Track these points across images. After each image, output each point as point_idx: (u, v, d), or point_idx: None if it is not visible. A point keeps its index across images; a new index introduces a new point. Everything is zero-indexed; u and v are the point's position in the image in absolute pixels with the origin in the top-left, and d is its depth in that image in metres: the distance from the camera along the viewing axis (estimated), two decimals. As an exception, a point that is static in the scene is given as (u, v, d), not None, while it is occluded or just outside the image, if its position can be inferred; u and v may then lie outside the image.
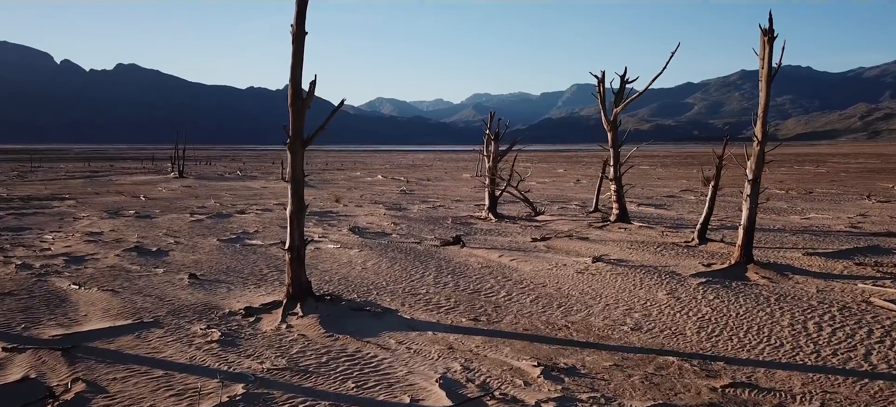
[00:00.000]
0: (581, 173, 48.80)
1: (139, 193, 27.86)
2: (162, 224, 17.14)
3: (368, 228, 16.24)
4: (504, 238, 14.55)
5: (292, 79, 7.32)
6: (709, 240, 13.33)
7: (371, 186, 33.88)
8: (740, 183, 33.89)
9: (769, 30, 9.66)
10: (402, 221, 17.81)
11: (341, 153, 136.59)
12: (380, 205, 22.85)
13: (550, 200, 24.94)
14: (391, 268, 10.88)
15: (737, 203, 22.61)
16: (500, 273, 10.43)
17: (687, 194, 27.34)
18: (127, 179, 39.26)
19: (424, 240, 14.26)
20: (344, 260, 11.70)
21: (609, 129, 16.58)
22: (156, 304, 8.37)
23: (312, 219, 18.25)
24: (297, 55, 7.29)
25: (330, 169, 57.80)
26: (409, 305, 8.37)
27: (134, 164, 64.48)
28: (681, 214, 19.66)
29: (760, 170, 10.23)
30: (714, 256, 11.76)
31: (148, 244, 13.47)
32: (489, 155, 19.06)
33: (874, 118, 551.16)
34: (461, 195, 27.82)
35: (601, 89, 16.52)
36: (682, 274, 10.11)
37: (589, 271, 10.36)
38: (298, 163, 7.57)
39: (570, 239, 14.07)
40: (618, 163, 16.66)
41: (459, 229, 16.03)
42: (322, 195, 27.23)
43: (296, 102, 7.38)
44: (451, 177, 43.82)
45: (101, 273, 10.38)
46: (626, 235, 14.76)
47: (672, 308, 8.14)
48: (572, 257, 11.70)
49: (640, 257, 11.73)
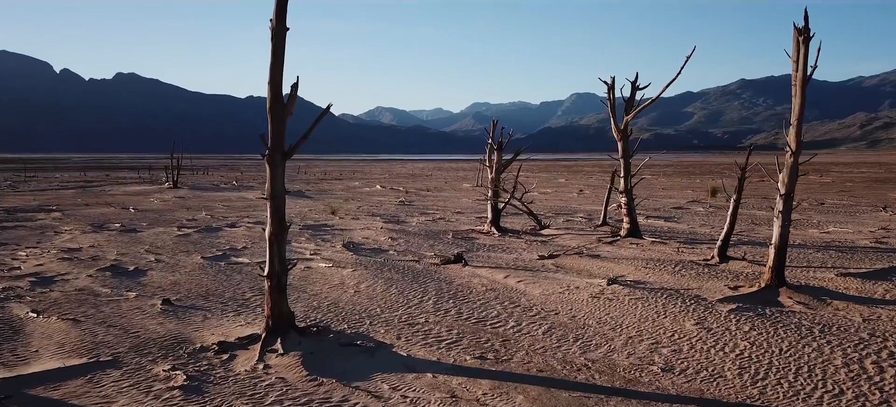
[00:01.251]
0: (583, 183, 47.87)
1: (129, 205, 26.90)
2: (146, 239, 16.17)
3: (364, 244, 15.27)
4: (509, 255, 13.58)
5: (271, 81, 6.38)
6: (730, 258, 12.36)
7: (369, 197, 32.92)
8: (748, 194, 32.88)
9: (805, 28, 8.73)
10: (400, 235, 16.85)
11: (340, 163, 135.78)
12: (377, 217, 21.89)
13: (555, 213, 23.98)
14: (387, 291, 9.91)
15: (749, 216, 21.65)
16: (507, 297, 9.45)
17: (695, 206, 26.38)
18: (120, 190, 38.30)
19: (423, 257, 13.29)
20: (336, 281, 10.73)
21: (619, 138, 15.65)
22: (119, 336, 7.39)
23: (305, 233, 17.29)
24: (277, 54, 6.36)
25: (328, 179, 56.85)
26: (406, 337, 7.39)
27: (130, 174, 63.53)
28: (692, 228, 18.70)
29: (794, 183, 9.28)
30: (739, 278, 10.79)
31: (126, 263, 12.50)
32: (492, 166, 18.11)
33: (874, 127, 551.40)
34: (462, 207, 26.87)
35: (611, 96, 15.59)
36: (707, 299, 9.14)
37: (605, 295, 9.38)
38: (278, 177, 6.62)
39: (581, 257, 13.09)
40: (629, 174, 15.71)
41: (461, 245, 15.07)
42: (318, 207, 26.27)
43: (275, 108, 6.44)
44: (451, 187, 42.87)
45: (66, 298, 9.40)
46: (639, 252, 13.79)
47: (704, 342, 7.16)
48: (585, 278, 10.72)
49: (658, 278, 10.76)
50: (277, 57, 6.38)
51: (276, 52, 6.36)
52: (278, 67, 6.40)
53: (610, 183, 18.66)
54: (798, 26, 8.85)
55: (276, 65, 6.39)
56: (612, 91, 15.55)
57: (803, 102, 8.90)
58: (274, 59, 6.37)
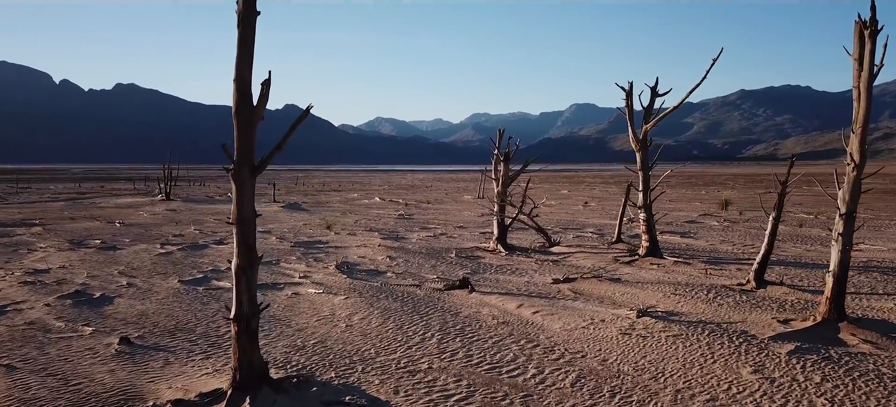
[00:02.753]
0: (587, 195, 46.59)
1: (117, 219, 25.60)
2: (123, 258, 14.86)
3: (360, 265, 13.95)
4: (519, 278, 12.27)
5: (238, 78, 5.10)
6: (768, 282, 11.05)
7: (367, 210, 31.61)
8: (755, 207, 31.64)
9: (872, 20, 7.47)
10: (399, 253, 15.54)
11: (339, 173, 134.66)
12: (375, 233, 20.59)
13: (562, 227, 22.69)
14: (384, 325, 8.59)
15: (762, 231, 20.23)
16: (523, 333, 8.13)
17: (707, 219, 25.05)
18: (111, 202, 37.01)
19: (425, 281, 11.97)
20: (325, 311, 9.42)
21: (638, 148, 14.37)
22: (55, 390, 6.07)
23: (297, 251, 15.98)
24: (245, 44, 5.08)
25: (326, 190, 55.59)
26: (406, 391, 6.07)
27: (126, 186, 62.24)
28: (712, 245, 17.38)
29: (856, 201, 8.01)
30: (785, 307, 9.47)
31: (93, 288, 11.18)
32: (498, 178, 16.82)
33: (874, 138, 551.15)
34: (464, 220, 25.56)
35: (629, 103, 14.32)
36: (757, 336, 7.82)
37: (637, 331, 8.07)
38: (246, 196, 5.32)
39: (600, 281, 11.77)
40: (648, 188, 14.42)
41: (466, 265, 13.75)
42: (313, 221, 24.96)
43: (243, 111, 5.15)
44: (451, 199, 41.57)
45: (11, 334, 8.08)
46: (662, 275, 12.48)
47: (772, 399, 5.84)
48: (609, 308, 9.41)
49: (693, 309, 9.45)
50: (245, 48, 5.10)
51: (244, 41, 5.08)
52: (246, 61, 5.12)
53: (624, 196, 17.34)
54: (862, 19, 7.59)
55: (243, 57, 5.11)
56: (630, 98, 14.29)
57: (869, 106, 7.64)
58: (241, 51, 5.10)
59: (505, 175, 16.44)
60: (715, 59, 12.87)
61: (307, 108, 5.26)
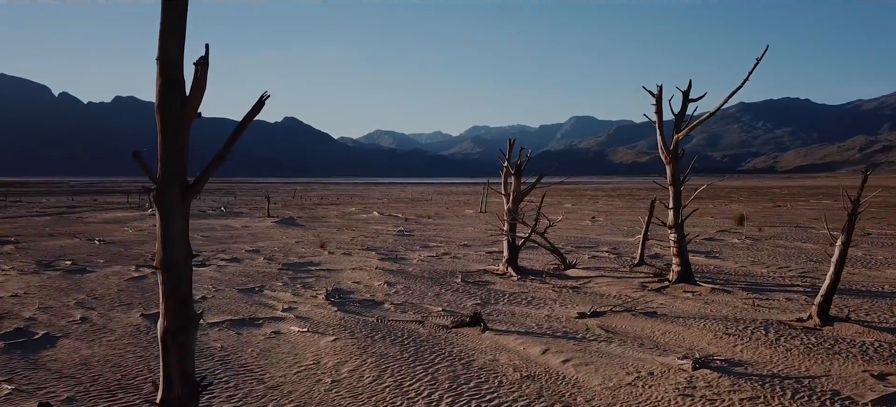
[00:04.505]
0: (593, 209, 44.95)
1: (100, 235, 23.94)
2: (88, 284, 13.18)
3: (353, 292, 12.26)
4: (538, 310, 10.58)
5: (162, 57, 3.45)
6: (833, 318, 9.38)
7: (365, 226, 29.94)
8: (773, 221, 29.90)
9: None
10: (398, 278, 13.85)
11: (339, 187, 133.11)
12: (372, 252, 18.91)
13: (574, 245, 21.03)
14: (379, 379, 6.91)
15: (795, 250, 18.57)
16: (555, 393, 6.45)
17: (727, 236, 23.35)
18: (99, 216, 35.35)
19: (428, 314, 10.29)
20: (309, 359, 7.73)
21: (668, 160, 12.73)
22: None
23: (284, 276, 14.29)
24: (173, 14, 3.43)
25: (324, 204, 53.92)
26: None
27: (120, 199, 60.49)
28: (743, 266, 15.71)
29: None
30: (869, 354, 7.78)
31: (39, 324, 9.50)
32: (507, 194, 15.16)
33: (873, 150, 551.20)
34: (468, 237, 23.89)
35: (658, 108, 12.68)
36: (855, 399, 6.15)
37: (699, 392, 6.38)
38: (176, 229, 3.66)
39: (633, 315, 10.08)
40: (679, 205, 12.76)
41: (474, 292, 12.07)
42: (307, 238, 23.28)
43: (171, 105, 3.49)
44: (453, 213, 39.89)
45: None
46: (702, 306, 10.80)
47: None
48: (654, 355, 7.72)
49: (756, 355, 7.75)
50: (174, 18, 3.45)
51: (172, 7, 3.43)
52: (175, 32, 3.46)
53: (648, 214, 15.66)
54: None
55: (171, 28, 3.45)
56: (660, 103, 12.65)
57: None
58: (168, 18, 3.44)
59: (516, 189, 14.78)
60: (759, 59, 11.27)
61: (261, 99, 3.59)
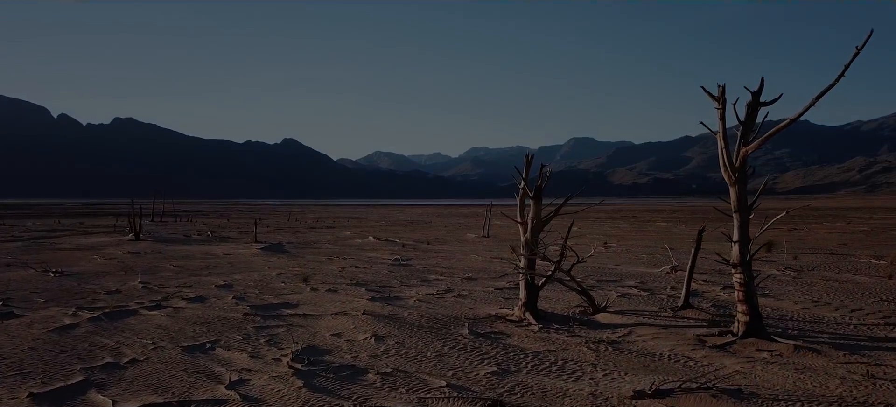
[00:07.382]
0: (602, 232, 42.10)
1: (61, 266, 21.15)
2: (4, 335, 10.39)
3: (331, 352, 9.46)
4: (576, 385, 7.78)
5: None
6: None
7: (359, 252, 27.14)
8: (789, 240, 27.11)
9: None
10: (389, 328, 11.04)
11: (336, 208, 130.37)
12: (361, 288, 16.14)
13: (595, 278, 18.30)
14: None
15: (835, 281, 15.67)
16: None
17: (759, 265, 20.51)
18: (75, 242, 32.49)
19: (428, 390, 7.50)
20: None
21: (733, 181, 10.01)
22: None
23: (247, 325, 11.45)
24: None
25: (319, 227, 51.16)
26: None
27: (109, 221, 57.61)
28: (806, 309, 12.91)
29: None
30: None
31: None
32: (524, 222, 12.39)
33: (873, 172, 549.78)
34: (472, 267, 21.11)
35: (722, 114, 9.96)
36: None
37: None
38: None
39: (714, 396, 7.26)
40: (747, 238, 10.02)
41: (486, 351, 9.26)
42: (291, 269, 20.47)
43: None
44: (454, 238, 37.10)
45: None
46: (796, 377, 8.00)
47: None
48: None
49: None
50: None
51: None
52: None
53: (696, 245, 12.88)
54: None
55: None
56: (723, 108, 9.94)
57: None
58: None
59: (536, 216, 12.00)
60: (859, 49, 8.60)
61: None
